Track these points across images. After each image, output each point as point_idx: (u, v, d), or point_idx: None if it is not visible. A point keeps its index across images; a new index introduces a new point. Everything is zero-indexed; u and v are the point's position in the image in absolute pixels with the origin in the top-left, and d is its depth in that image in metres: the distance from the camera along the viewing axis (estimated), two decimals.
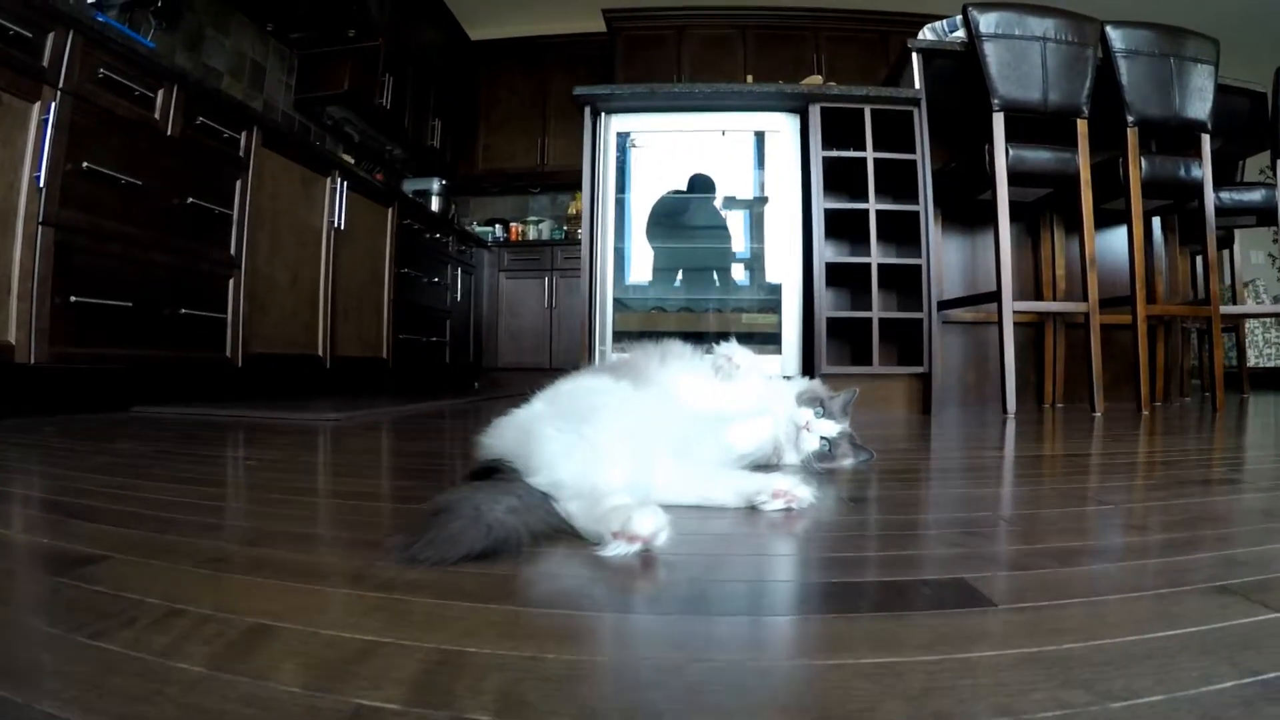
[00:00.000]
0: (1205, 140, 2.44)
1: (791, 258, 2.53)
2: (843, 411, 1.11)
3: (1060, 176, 2.40)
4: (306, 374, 2.79)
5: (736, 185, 2.75)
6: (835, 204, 2.47)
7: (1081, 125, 2.36)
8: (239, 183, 2.36)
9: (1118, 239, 2.73)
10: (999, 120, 2.31)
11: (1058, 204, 2.73)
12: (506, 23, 5.14)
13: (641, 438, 0.77)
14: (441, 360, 4.07)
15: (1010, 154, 2.32)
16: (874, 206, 2.43)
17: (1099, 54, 2.37)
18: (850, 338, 2.66)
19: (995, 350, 2.36)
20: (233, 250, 2.34)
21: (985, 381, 2.83)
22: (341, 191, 2.92)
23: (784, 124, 2.55)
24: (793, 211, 2.54)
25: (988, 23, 2.30)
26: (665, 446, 0.81)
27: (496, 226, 5.10)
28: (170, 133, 2.05)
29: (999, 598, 0.46)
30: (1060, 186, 2.49)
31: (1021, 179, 2.39)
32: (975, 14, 2.30)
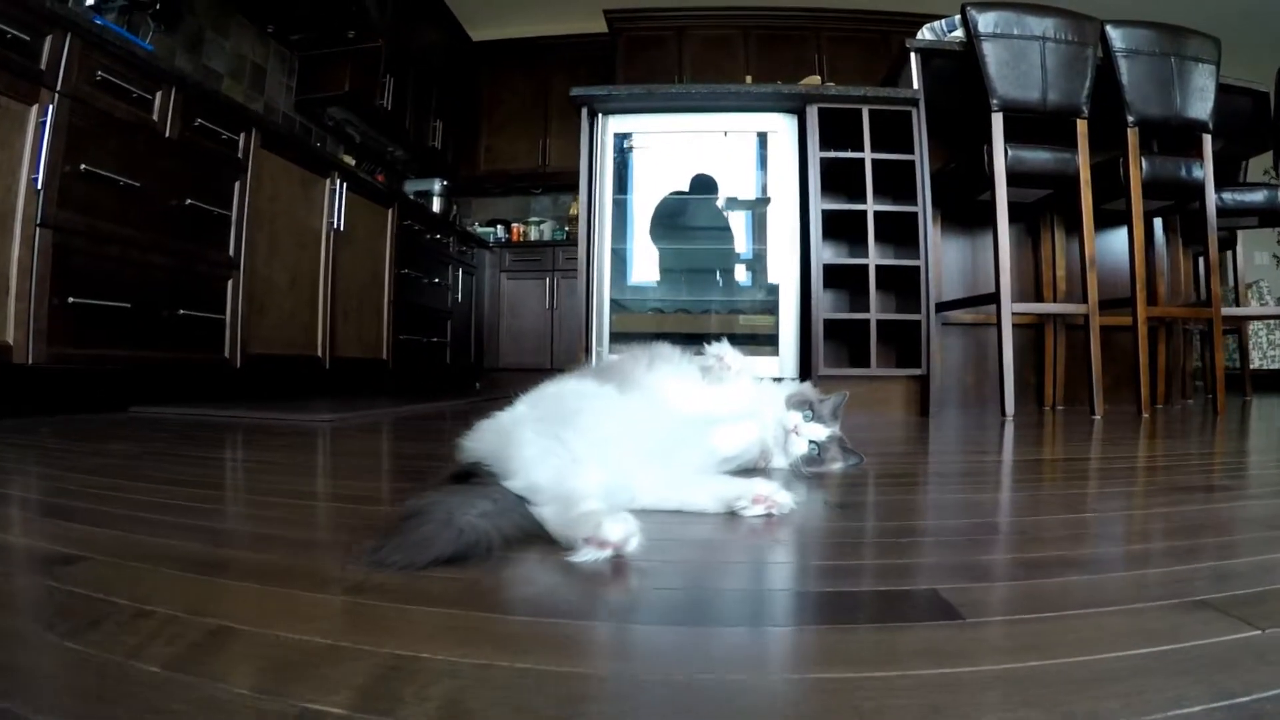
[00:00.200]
0: (1206, 140, 2.43)
1: (789, 259, 2.53)
2: (833, 415, 1.10)
3: (1060, 177, 2.39)
4: (306, 375, 2.80)
5: (738, 186, 2.74)
6: (833, 205, 2.47)
7: (1081, 125, 2.35)
8: (238, 184, 2.37)
9: (1119, 240, 2.71)
10: (998, 120, 2.30)
11: (1058, 205, 2.72)
12: (508, 23, 5.15)
13: (621, 442, 0.77)
14: (442, 361, 4.08)
15: (1009, 154, 2.31)
16: (872, 207, 2.43)
17: (1099, 53, 2.35)
18: (848, 339, 2.66)
19: (995, 352, 2.35)
20: (231, 251, 2.35)
21: (985, 383, 2.82)
22: (341, 193, 2.93)
23: (782, 125, 2.54)
24: (791, 213, 2.53)
25: (986, 22, 2.29)
26: (646, 450, 0.81)
27: (498, 227, 5.10)
28: (169, 134, 2.06)
29: (969, 611, 0.45)
30: (1060, 187, 2.47)
31: (1021, 179, 2.37)
32: (974, 13, 2.29)
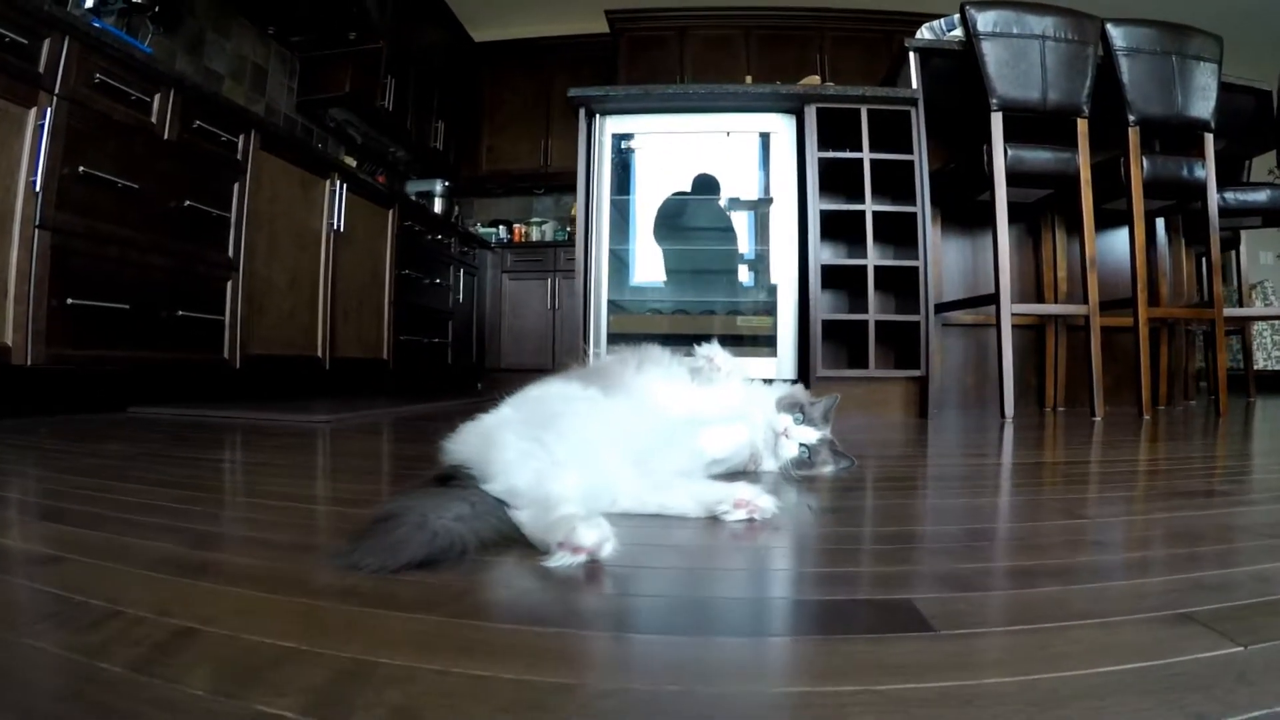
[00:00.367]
0: (1208, 139, 2.41)
1: (788, 259, 2.52)
2: (824, 418, 1.09)
3: (1060, 177, 2.37)
4: (305, 375, 2.80)
5: (740, 186, 2.72)
6: (831, 205, 2.46)
7: (1082, 125, 2.33)
8: (237, 185, 2.38)
9: (1120, 240, 2.69)
10: (997, 120, 2.29)
11: (1059, 205, 2.70)
12: (510, 24, 5.15)
13: (603, 445, 0.76)
14: (444, 361, 4.08)
15: (1009, 154, 2.30)
16: (870, 208, 2.42)
17: (1099, 52, 2.34)
18: (847, 340, 2.65)
19: (995, 353, 2.33)
20: (230, 252, 2.36)
21: (985, 384, 2.80)
22: (341, 194, 2.94)
23: (780, 125, 2.53)
24: (789, 213, 2.52)
25: (985, 21, 2.27)
26: (629, 453, 0.81)
27: (500, 228, 5.11)
28: (167, 136, 2.07)
29: (941, 622, 0.44)
30: (1060, 187, 2.46)
31: (1021, 179, 2.36)
32: (973, 12, 2.28)
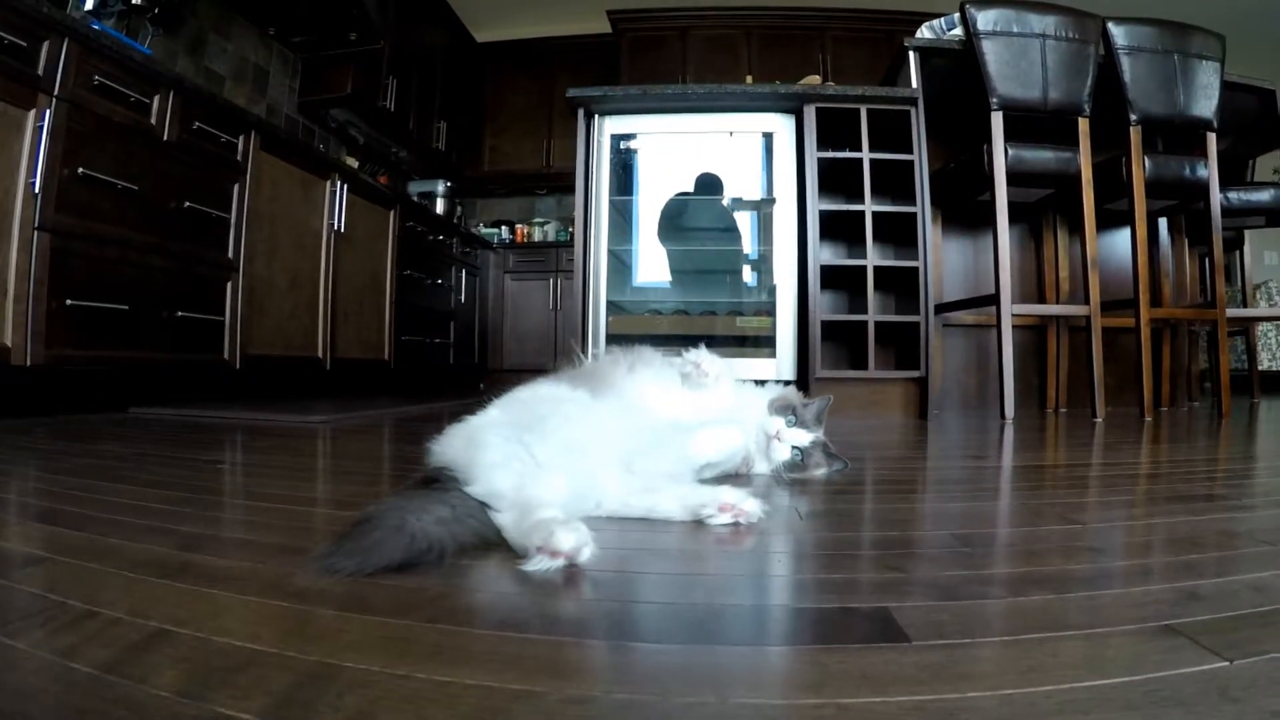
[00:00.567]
0: (1211, 139, 2.39)
1: (787, 260, 2.51)
2: (816, 420, 1.09)
3: (1061, 177, 2.36)
4: (306, 376, 2.81)
5: (742, 187, 2.70)
6: (831, 205, 2.45)
7: (1083, 124, 2.32)
8: (237, 186, 2.39)
9: (1123, 240, 2.68)
10: (997, 119, 2.28)
11: (1060, 205, 2.69)
12: (512, 25, 5.16)
13: (588, 447, 0.76)
14: (445, 362, 4.09)
15: (1009, 154, 2.29)
16: (870, 208, 2.41)
17: (1101, 51, 2.32)
18: (846, 341, 2.64)
19: (996, 354, 2.32)
20: (230, 253, 2.36)
21: (987, 385, 2.79)
22: (341, 194, 2.95)
23: (780, 125, 2.53)
24: (789, 213, 2.52)
25: (986, 20, 2.26)
26: (615, 456, 0.80)
27: (503, 228, 5.12)
28: (167, 138, 2.08)
29: (918, 632, 0.43)
30: (1062, 187, 2.44)
31: (1021, 179, 2.35)
32: (973, 11, 2.26)
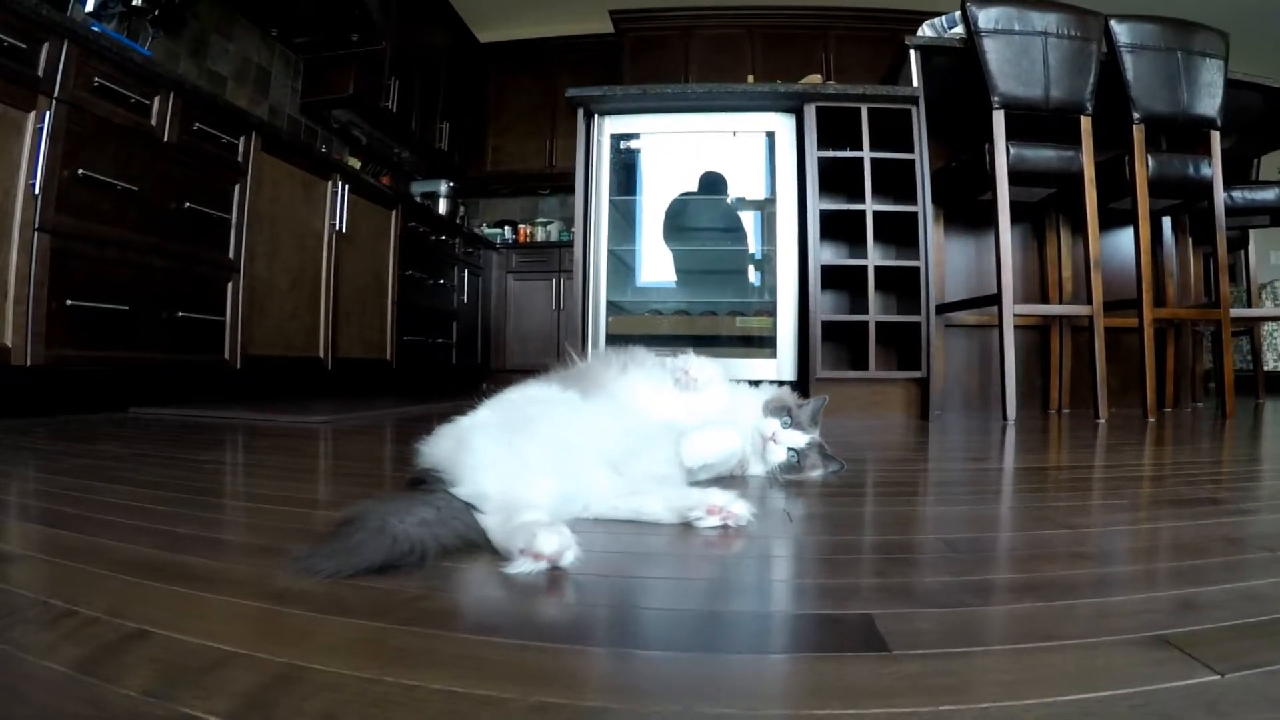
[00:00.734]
0: (1215, 137, 2.37)
1: (788, 260, 2.50)
2: (812, 420, 1.08)
3: (1064, 176, 2.35)
4: (308, 376, 2.82)
5: (744, 186, 2.68)
6: (831, 205, 2.44)
7: (1085, 122, 2.30)
8: (238, 187, 2.39)
9: (1126, 240, 2.66)
10: (999, 118, 2.26)
11: (1063, 204, 2.67)
12: (515, 25, 5.17)
13: (577, 449, 0.76)
14: (448, 362, 4.10)
15: (1011, 153, 2.28)
16: (871, 207, 2.40)
17: (1103, 49, 2.31)
18: (847, 341, 2.63)
19: (998, 354, 2.31)
20: (231, 254, 2.37)
21: (989, 386, 2.78)
22: (343, 195, 2.95)
23: (780, 124, 2.52)
24: (789, 213, 2.51)
25: (987, 18, 2.25)
26: (606, 458, 0.80)
27: (506, 228, 5.13)
28: (167, 139, 2.08)
29: (899, 641, 0.41)
30: (1064, 186, 2.43)
31: (1023, 178, 2.34)
32: (974, 9, 2.25)
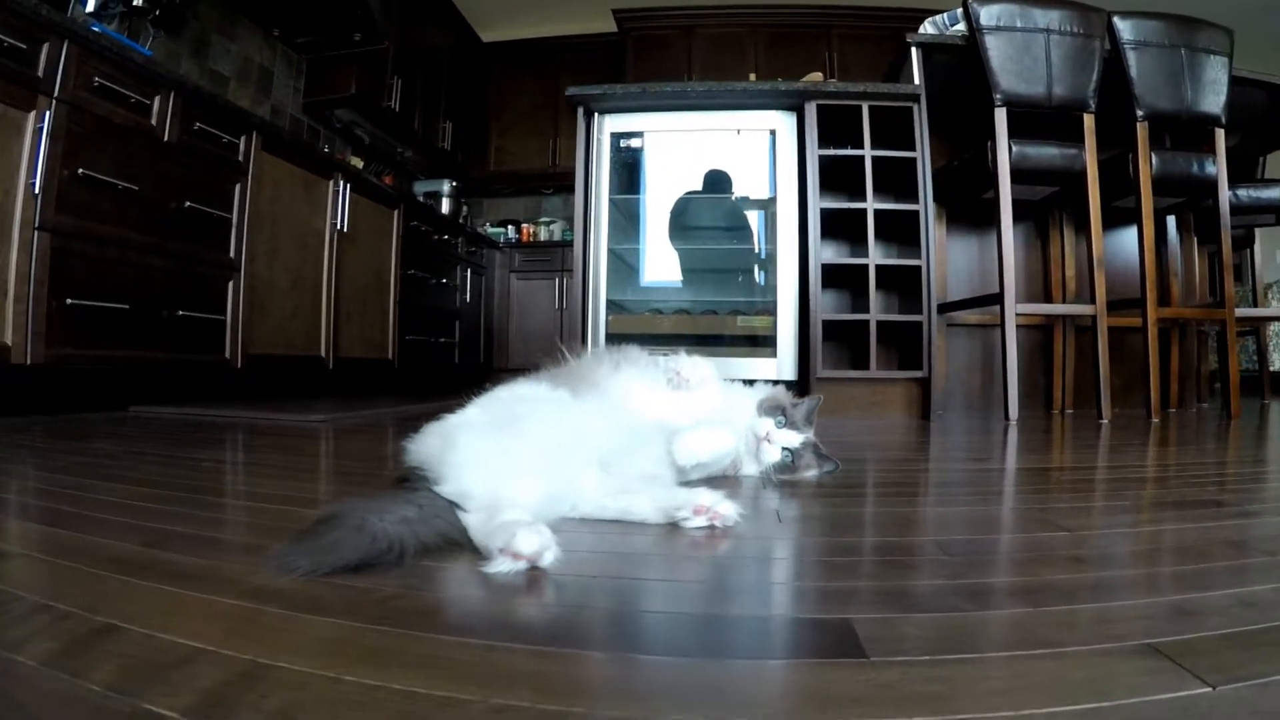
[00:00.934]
0: (1219, 135, 2.34)
1: (788, 258, 2.49)
2: (806, 420, 1.07)
3: (1067, 173, 2.33)
4: (309, 375, 2.82)
5: (747, 185, 2.66)
6: (832, 203, 2.43)
7: (1088, 120, 2.29)
8: (238, 187, 2.40)
9: (1130, 238, 2.64)
10: (1001, 115, 2.25)
11: (1067, 202, 2.65)
12: (518, 24, 5.17)
13: (563, 449, 0.75)
14: (450, 361, 4.10)
15: (1013, 150, 2.26)
16: (872, 206, 2.38)
17: (1106, 45, 2.29)
18: (848, 341, 2.61)
19: (1001, 354, 2.29)
20: (232, 253, 2.38)
21: (991, 386, 2.76)
22: (344, 194, 2.96)
23: (781, 122, 2.51)
24: (790, 212, 2.50)
25: (988, 15, 2.23)
26: (594, 458, 0.79)
27: (509, 227, 5.13)
28: (167, 139, 2.09)
29: (877, 647, 0.40)
30: (1067, 184, 2.41)
31: (1026, 176, 2.32)
32: (976, 6, 2.24)
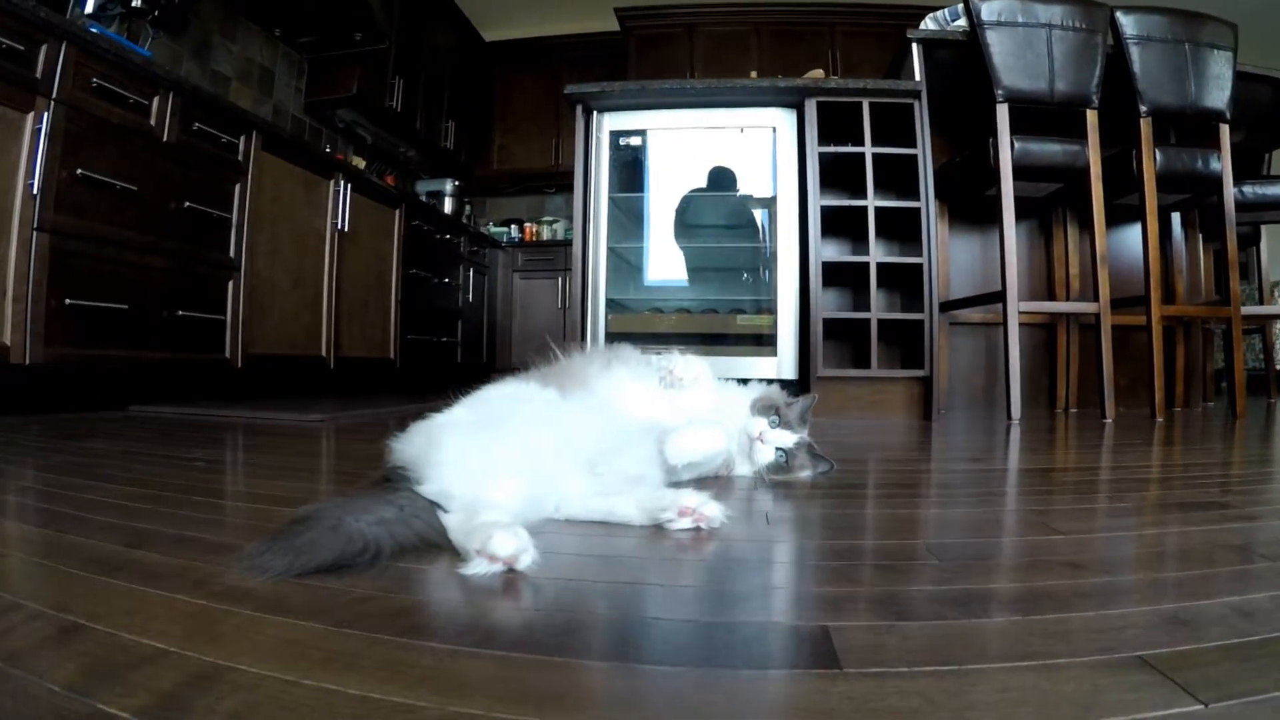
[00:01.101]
0: (1224, 131, 2.32)
1: (789, 257, 2.47)
2: (800, 420, 1.06)
3: (1070, 170, 2.31)
4: (310, 375, 2.83)
5: (748, 183, 2.63)
6: (833, 201, 2.41)
7: (1091, 116, 2.26)
8: (238, 186, 2.40)
9: (1135, 236, 2.61)
10: (1003, 112, 2.23)
11: (1070, 199, 2.62)
12: (521, 24, 5.17)
13: (549, 449, 0.74)
14: (452, 360, 4.10)
15: (1015, 147, 2.24)
16: (873, 203, 2.36)
17: (1109, 41, 2.26)
18: (849, 339, 2.60)
19: (1004, 352, 2.27)
20: (232, 253, 2.38)
21: (994, 385, 2.74)
22: (345, 194, 2.96)
23: (781, 119, 2.49)
24: (790, 209, 2.48)
25: (990, 10, 2.21)
26: (580, 458, 0.78)
27: (512, 227, 5.13)
28: (167, 139, 2.10)
29: (853, 657, 0.39)
30: (1070, 181, 2.38)
31: (1028, 173, 2.30)
32: (977, 2, 2.22)
